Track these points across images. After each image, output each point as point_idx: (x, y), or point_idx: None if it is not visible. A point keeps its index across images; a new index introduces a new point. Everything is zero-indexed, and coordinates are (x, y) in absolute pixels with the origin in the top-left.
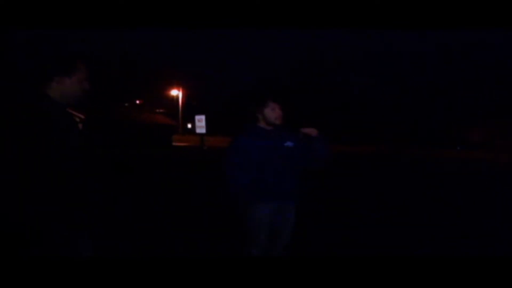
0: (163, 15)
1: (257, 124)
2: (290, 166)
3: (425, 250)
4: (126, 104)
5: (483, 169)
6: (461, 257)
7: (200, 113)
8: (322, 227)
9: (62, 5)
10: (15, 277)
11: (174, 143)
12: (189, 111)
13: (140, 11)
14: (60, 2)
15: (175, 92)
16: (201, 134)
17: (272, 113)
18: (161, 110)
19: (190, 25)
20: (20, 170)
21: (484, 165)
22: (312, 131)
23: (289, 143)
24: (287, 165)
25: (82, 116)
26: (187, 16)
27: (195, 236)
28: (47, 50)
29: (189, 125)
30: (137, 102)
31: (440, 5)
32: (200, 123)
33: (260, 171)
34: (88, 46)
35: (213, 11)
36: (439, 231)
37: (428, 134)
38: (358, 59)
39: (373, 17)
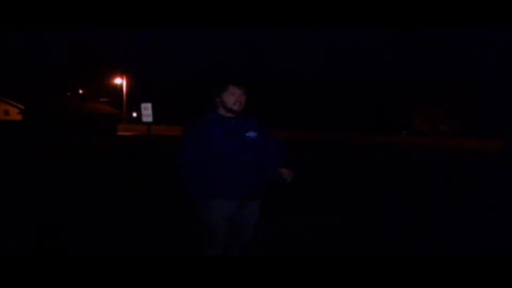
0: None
1: (216, 111)
2: (253, 159)
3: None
4: (69, 94)
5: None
6: (458, 256)
7: (145, 101)
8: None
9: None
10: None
11: (119, 133)
12: (134, 100)
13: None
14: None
15: (119, 81)
16: (147, 123)
17: (231, 97)
18: (105, 99)
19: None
20: None
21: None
22: (289, 176)
23: (251, 133)
24: (250, 157)
25: (22, 107)
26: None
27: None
28: None
29: (134, 114)
30: (80, 91)
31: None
32: (146, 111)
33: (218, 163)
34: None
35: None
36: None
37: (372, 121)
38: (304, 50)
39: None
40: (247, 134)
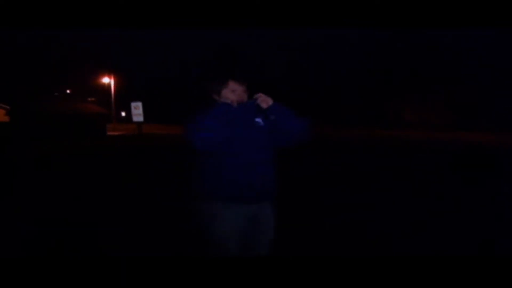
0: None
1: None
2: (265, 152)
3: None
4: (56, 94)
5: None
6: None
7: (134, 100)
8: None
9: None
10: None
11: (109, 133)
12: (122, 99)
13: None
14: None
15: (107, 80)
16: (138, 122)
17: (232, 95)
18: (92, 99)
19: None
20: None
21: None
22: (266, 101)
23: (259, 120)
24: (261, 151)
25: (7, 107)
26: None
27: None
28: None
29: (123, 113)
30: (68, 91)
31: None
32: (137, 111)
33: (225, 160)
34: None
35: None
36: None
37: (358, 114)
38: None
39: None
40: (256, 120)
